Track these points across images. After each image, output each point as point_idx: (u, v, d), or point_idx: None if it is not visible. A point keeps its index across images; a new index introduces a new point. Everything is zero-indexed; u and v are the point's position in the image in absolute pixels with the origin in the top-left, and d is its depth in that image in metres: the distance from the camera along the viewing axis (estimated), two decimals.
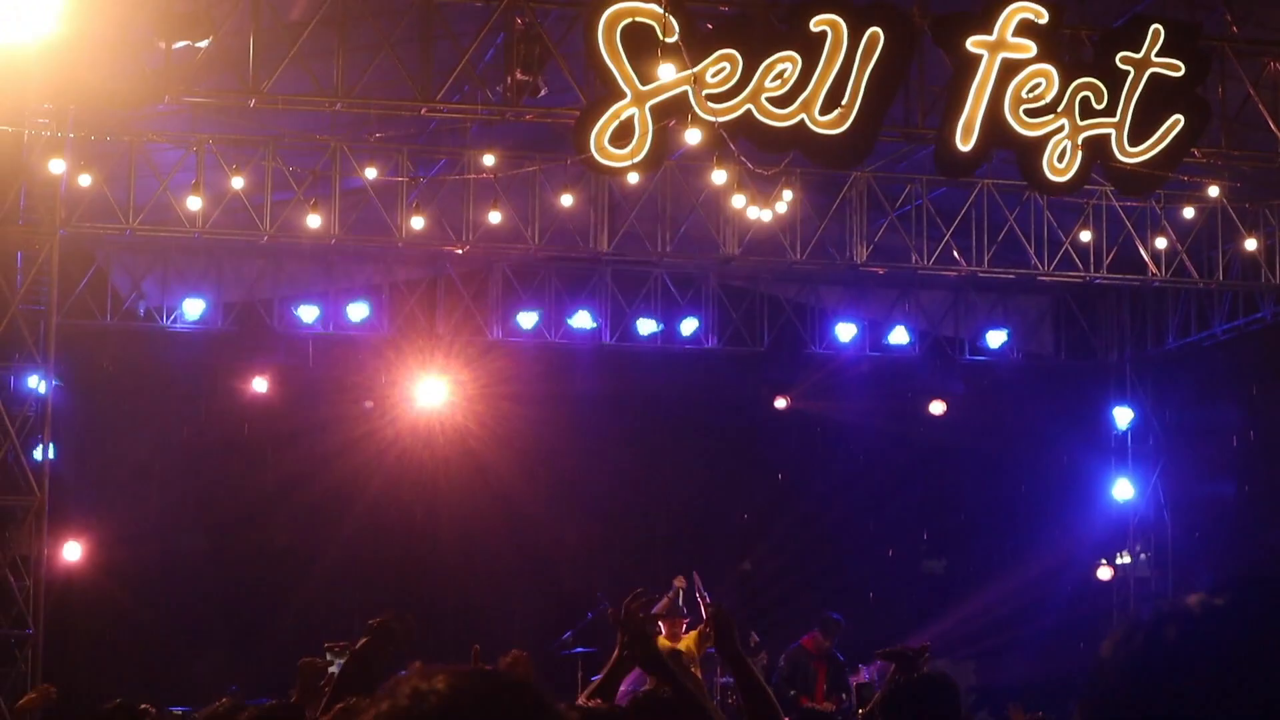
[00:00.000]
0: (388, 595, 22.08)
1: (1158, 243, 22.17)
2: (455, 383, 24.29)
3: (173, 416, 23.47)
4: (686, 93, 16.21)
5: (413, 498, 24.00)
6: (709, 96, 16.32)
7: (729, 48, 16.43)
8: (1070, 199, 20.59)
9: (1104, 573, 26.13)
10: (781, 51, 16.56)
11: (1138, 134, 17.44)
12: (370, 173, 19.82)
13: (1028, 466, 26.07)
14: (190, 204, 19.61)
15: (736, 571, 24.83)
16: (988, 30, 16.94)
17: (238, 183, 19.37)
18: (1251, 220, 21.79)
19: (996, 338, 25.77)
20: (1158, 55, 17.36)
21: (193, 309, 23.08)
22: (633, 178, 18.60)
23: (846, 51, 16.60)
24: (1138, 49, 17.37)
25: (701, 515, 25.28)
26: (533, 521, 24.03)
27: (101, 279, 22.59)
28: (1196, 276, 22.69)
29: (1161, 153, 17.56)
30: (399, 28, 17.50)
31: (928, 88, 18.08)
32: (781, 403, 26.05)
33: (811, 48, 16.59)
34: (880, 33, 16.63)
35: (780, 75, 16.54)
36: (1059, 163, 17.33)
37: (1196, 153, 18.28)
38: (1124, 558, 26.46)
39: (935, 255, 22.18)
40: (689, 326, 24.61)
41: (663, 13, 15.93)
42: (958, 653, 23.34)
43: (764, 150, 17.71)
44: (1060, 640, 23.48)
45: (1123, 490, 26.64)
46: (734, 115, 16.50)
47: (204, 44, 16.22)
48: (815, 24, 16.61)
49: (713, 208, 21.26)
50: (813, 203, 21.85)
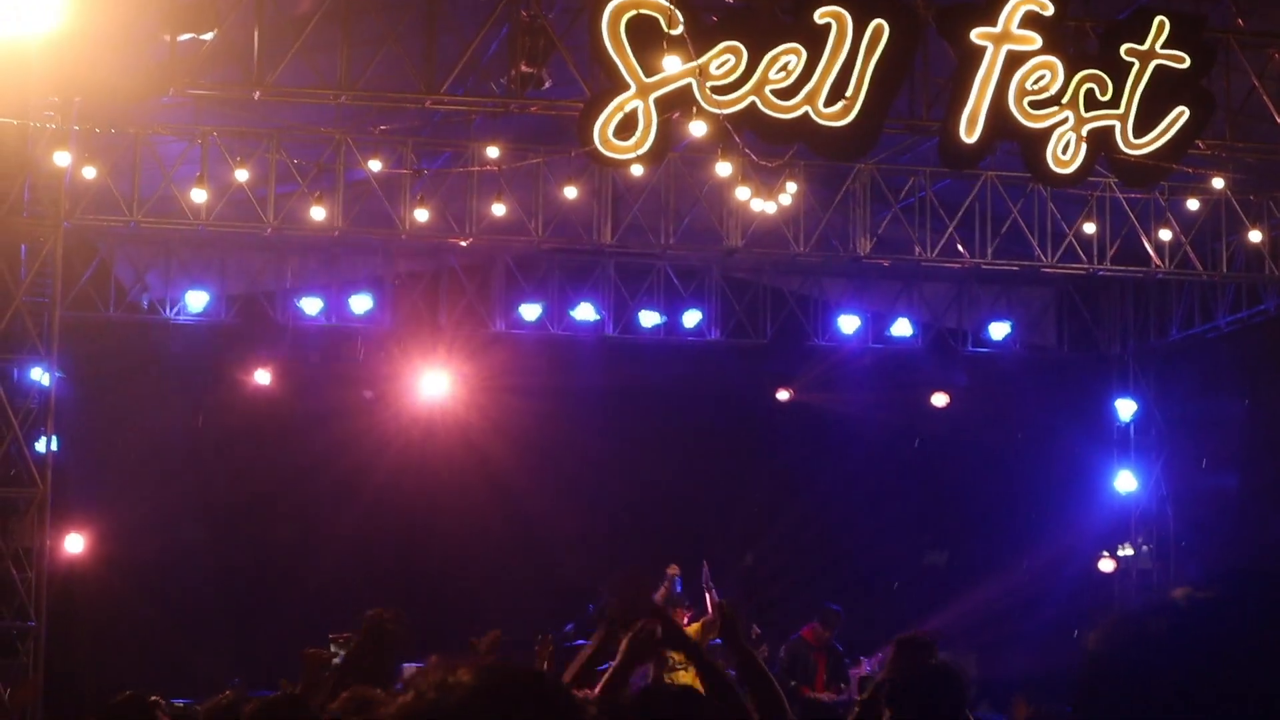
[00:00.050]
0: (390, 587, 22.11)
1: (1162, 235, 22.17)
2: (458, 375, 24.32)
3: (176, 409, 23.47)
4: (691, 85, 16.19)
5: (415, 490, 23.99)
6: (713, 89, 16.29)
7: (733, 40, 16.39)
8: (1074, 191, 20.56)
9: (1106, 565, 26.13)
10: (786, 43, 16.52)
11: (1142, 126, 17.41)
12: (374, 165, 19.83)
13: (1030, 459, 26.03)
14: (195, 196, 19.63)
15: (739, 564, 24.83)
16: (992, 22, 16.91)
17: (242, 175, 19.40)
18: (1256, 212, 21.78)
19: (999, 330, 25.78)
20: (1162, 47, 17.33)
21: (196, 301, 23.11)
22: (637, 170, 18.59)
23: (851, 43, 16.56)
24: (1142, 41, 17.33)
25: (704, 508, 25.27)
26: (535, 513, 24.04)
27: (105, 271, 22.61)
28: (1200, 268, 22.67)
29: (1166, 145, 17.54)
30: (403, 20, 17.48)
31: (932, 79, 18.06)
32: (784, 395, 26.08)
33: (816, 40, 16.56)
34: (885, 25, 16.59)
35: (784, 67, 16.51)
36: (1063, 155, 17.30)
37: (1201, 145, 18.26)
38: (1126, 550, 26.46)
39: (938, 247, 22.17)
40: (692, 319, 24.61)
41: (667, 5, 15.92)
42: (959, 645, 23.33)
43: (768, 142, 17.71)
44: (1062, 632, 23.43)
45: (1125, 482, 26.64)
46: (738, 107, 16.47)
47: (208, 37, 16.21)
48: (820, 16, 16.57)
49: (716, 200, 21.25)
50: (816, 195, 21.83)
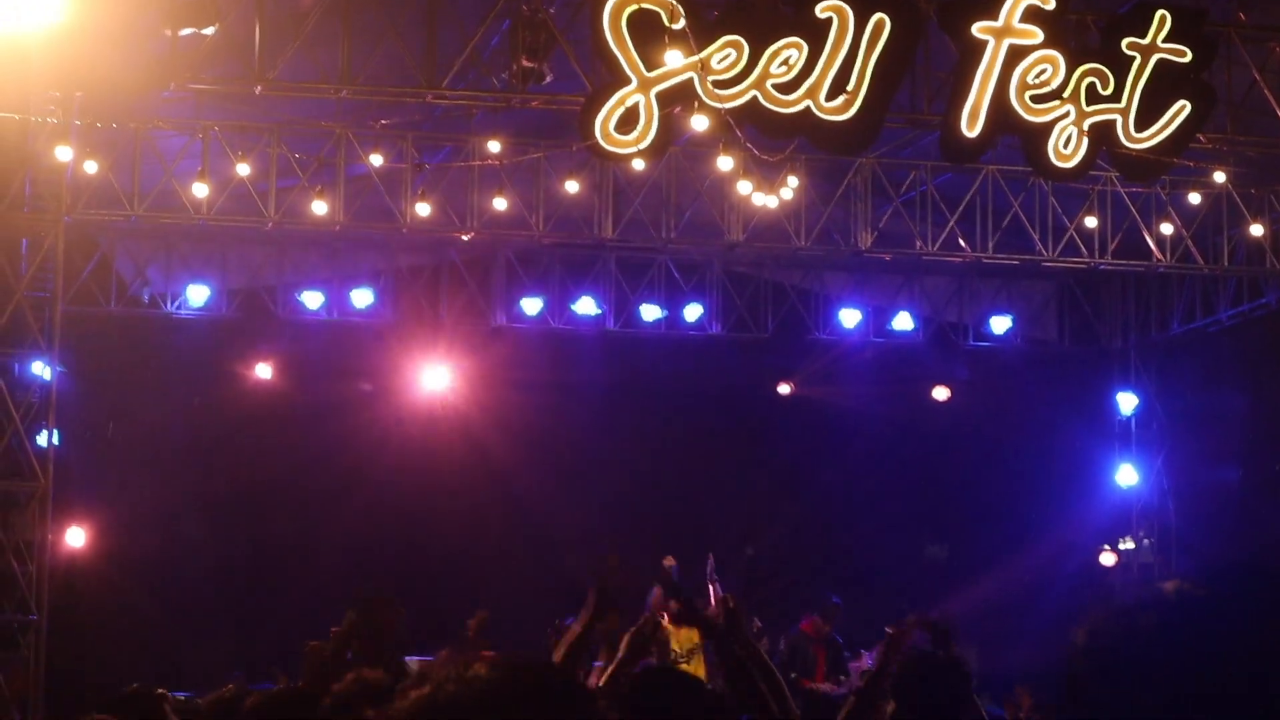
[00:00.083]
0: (391, 581, 22.10)
1: (1163, 228, 22.14)
2: (459, 369, 24.33)
3: (176, 403, 23.48)
4: (692, 79, 16.17)
5: (416, 484, 23.98)
6: (714, 83, 16.28)
7: (734, 34, 16.38)
8: (1075, 185, 20.55)
9: (1107, 559, 26.12)
10: (787, 38, 16.50)
11: (1143, 120, 17.39)
12: (375, 159, 19.82)
13: (1031, 452, 26.00)
14: (196, 191, 19.60)
15: (740, 557, 24.82)
16: (994, 16, 16.88)
17: (243, 169, 19.39)
18: (1257, 206, 21.77)
19: (1001, 324, 25.76)
20: (1164, 41, 17.31)
21: (197, 295, 23.10)
22: (638, 164, 18.57)
23: (852, 37, 16.55)
24: (1144, 35, 17.32)
25: (704, 501, 25.26)
26: (535, 507, 24.04)
27: (106, 266, 22.61)
28: (1201, 262, 22.64)
29: (1167, 139, 17.52)
30: (404, 14, 17.45)
31: (933, 73, 18.03)
32: (785, 389, 26.09)
33: (817, 34, 16.54)
34: (886, 19, 16.57)
35: (786, 61, 16.50)
36: (1064, 149, 17.29)
37: (1202, 138, 18.24)
38: (1127, 543, 26.45)
39: (940, 241, 22.14)
40: (693, 313, 24.60)
41: None
42: (960, 638, 23.31)
43: (769, 136, 17.70)
44: (1063, 626, 23.11)
45: (1126, 476, 26.64)
46: (740, 101, 16.46)
47: (210, 31, 16.20)
48: (821, 10, 16.55)
49: (717, 194, 21.23)
50: (817, 189, 21.81)
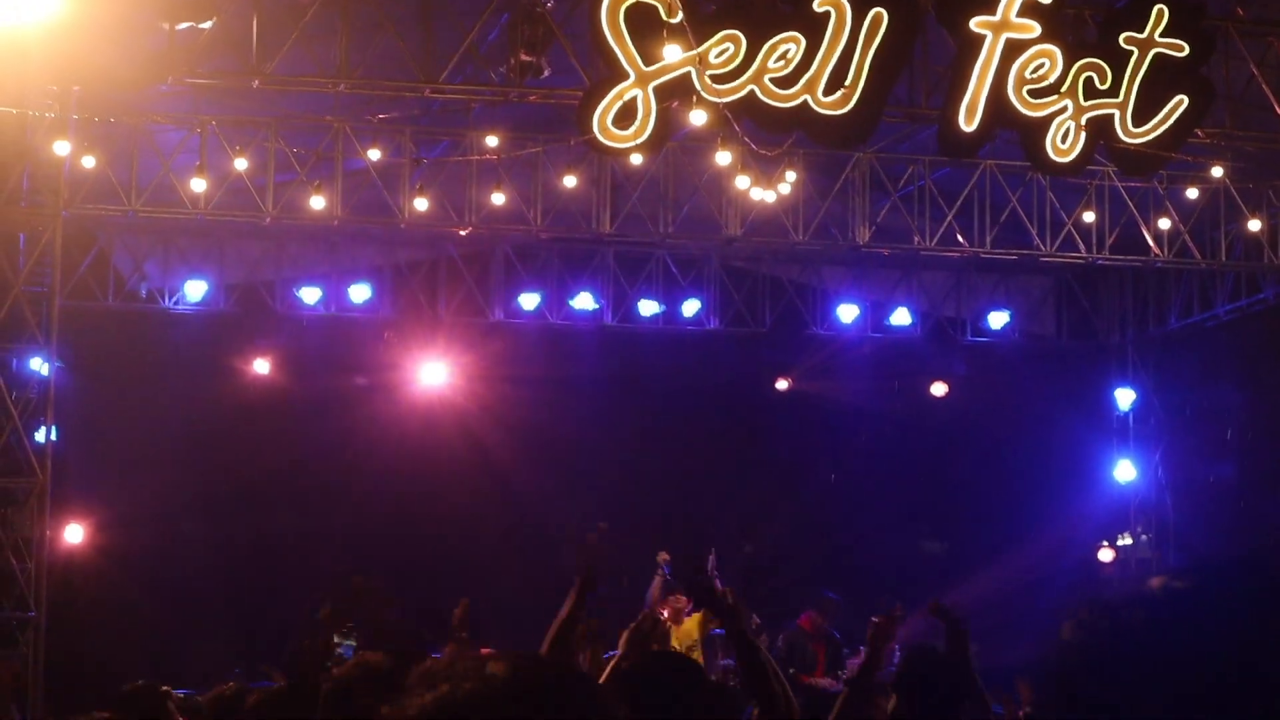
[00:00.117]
0: (389, 576, 22.13)
1: (1160, 223, 22.13)
2: (457, 364, 24.33)
3: (174, 398, 23.43)
4: (690, 74, 16.18)
5: (414, 478, 23.98)
6: (712, 77, 16.29)
7: (732, 28, 16.39)
8: (1073, 180, 20.52)
9: (1105, 554, 26.13)
10: (785, 32, 16.52)
11: (1141, 114, 17.41)
12: (373, 154, 19.80)
13: (1029, 448, 26.00)
14: (194, 186, 19.55)
15: (738, 553, 24.83)
16: (991, 10, 16.89)
17: (240, 164, 19.36)
18: (1255, 201, 21.77)
19: (998, 319, 25.75)
20: (1162, 35, 17.32)
21: (195, 290, 23.08)
22: (636, 159, 18.58)
23: (850, 32, 16.55)
24: (1141, 29, 17.33)
25: (702, 496, 25.27)
26: (533, 502, 24.05)
27: (104, 261, 22.58)
28: (1199, 257, 22.62)
29: (1165, 133, 17.54)
30: (402, 8, 17.46)
31: (931, 68, 18.04)
32: (783, 384, 26.11)
33: (815, 28, 16.55)
34: (884, 13, 16.58)
35: (784, 56, 16.51)
36: (1062, 143, 17.30)
37: (1200, 133, 18.25)
38: (1125, 539, 26.46)
39: (937, 236, 22.13)
40: (691, 308, 24.61)
41: None
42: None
43: (767, 131, 17.70)
44: (1060, 622, 23.43)
45: (1124, 471, 26.65)
46: (737, 96, 16.47)
47: (207, 25, 16.19)
48: (819, 4, 16.56)
49: (715, 189, 21.21)
50: (815, 183, 21.80)
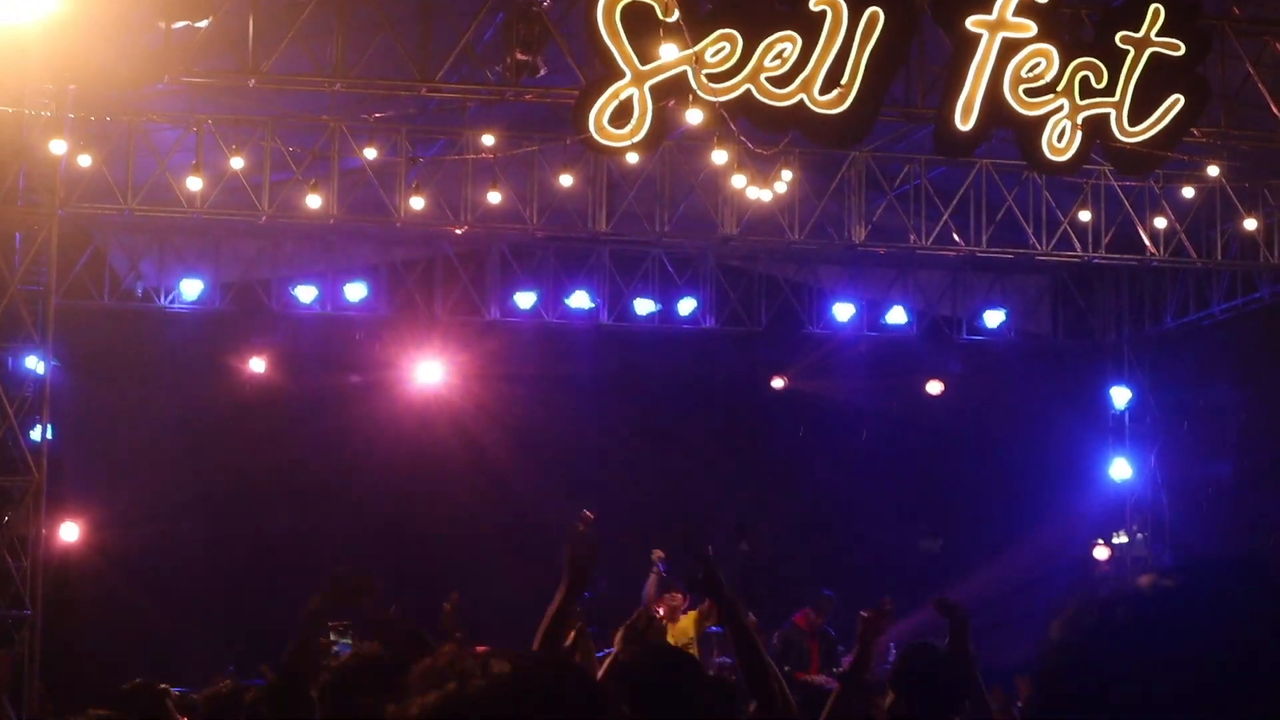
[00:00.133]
0: (385, 573, 22.05)
1: (1156, 222, 22.13)
2: (452, 363, 24.31)
3: (170, 396, 23.41)
4: (686, 73, 16.18)
5: (410, 476, 23.97)
6: (708, 76, 16.29)
7: (728, 27, 16.39)
8: (1069, 179, 20.55)
9: (1101, 553, 26.13)
10: (781, 31, 16.53)
11: (1137, 114, 17.42)
12: (369, 153, 19.79)
13: (1025, 446, 26.01)
14: (190, 184, 19.54)
15: (734, 552, 24.80)
16: (987, 10, 16.90)
17: (237, 163, 19.33)
18: (1250, 200, 21.77)
19: (994, 317, 25.75)
20: (1158, 35, 17.33)
21: (191, 289, 23.08)
22: (632, 158, 18.59)
23: (846, 31, 16.56)
24: (1138, 28, 17.34)
25: (698, 495, 25.24)
26: (528, 500, 24.00)
27: (99, 259, 22.58)
28: (1195, 256, 22.63)
29: (1161, 132, 17.55)
30: (398, 8, 17.46)
31: (927, 67, 18.04)
32: (779, 382, 26.10)
33: (811, 27, 16.56)
34: (880, 12, 16.59)
35: (780, 55, 16.51)
36: (1058, 142, 17.31)
37: (1196, 132, 18.27)
38: (1121, 537, 26.45)
39: (933, 235, 22.14)
40: (687, 306, 24.61)
41: None
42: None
43: (763, 130, 17.70)
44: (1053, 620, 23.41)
45: (1120, 470, 26.65)
46: (734, 95, 16.47)
47: (203, 24, 16.21)
48: (815, 3, 16.58)
49: (711, 188, 21.21)
50: (811, 182, 21.79)
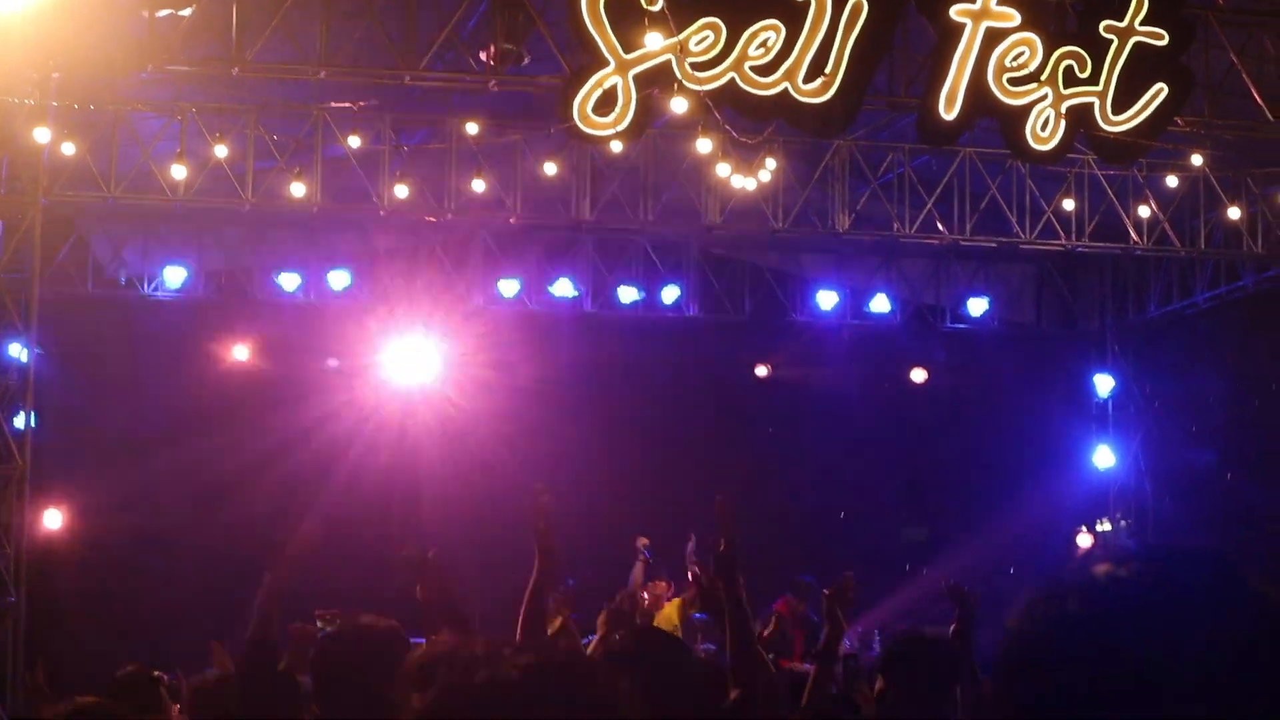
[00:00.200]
0: (370, 563, 22.09)
1: (1140, 211, 22.13)
2: (436, 350, 24.28)
3: (154, 384, 23.36)
4: (670, 61, 16.13)
5: (393, 465, 23.96)
6: (693, 65, 16.25)
7: (713, 16, 16.33)
8: (1052, 167, 20.54)
9: (1084, 540, 26.18)
10: (765, 20, 16.47)
11: (1121, 103, 17.40)
12: (353, 141, 19.76)
13: (1009, 434, 26.05)
14: (174, 173, 19.50)
15: (717, 539, 24.79)
16: None
17: (221, 151, 19.30)
18: (1234, 189, 21.78)
19: (978, 306, 25.78)
20: (1141, 24, 17.31)
21: (174, 277, 23.06)
22: (616, 146, 18.55)
23: (830, 20, 16.52)
24: (1121, 18, 17.31)
25: (681, 483, 25.21)
26: (511, 487, 23.91)
27: (83, 247, 22.55)
28: (1179, 245, 22.64)
29: (1144, 121, 17.53)
30: None
31: (911, 56, 18.01)
32: (763, 370, 26.12)
33: (795, 16, 16.52)
34: (864, 1, 16.57)
35: (764, 44, 16.47)
36: (1042, 131, 17.29)
37: (1180, 121, 18.25)
38: (1104, 525, 26.52)
39: (917, 223, 22.12)
40: (670, 294, 24.62)
41: None
42: (938, 620, 23.32)
43: (748, 118, 17.68)
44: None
45: (1104, 458, 26.70)
46: (718, 84, 16.43)
47: (187, 12, 16.15)
48: None
49: (695, 176, 21.19)
50: (795, 171, 21.78)
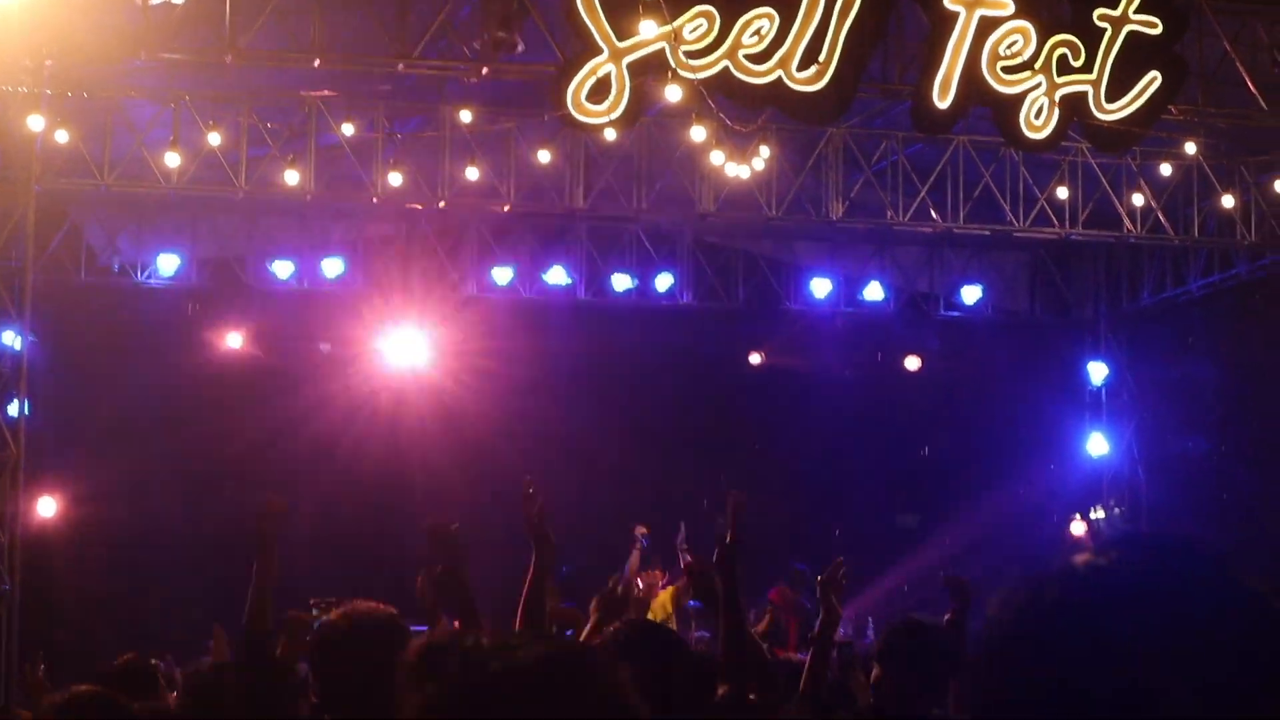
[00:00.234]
0: (363, 550, 22.16)
1: (1134, 199, 22.14)
2: (430, 338, 24.26)
3: (147, 371, 23.33)
4: (664, 49, 16.13)
5: (387, 453, 23.94)
6: (686, 53, 16.24)
7: (706, 4, 16.33)
8: (1046, 156, 20.54)
9: (1078, 528, 26.20)
10: (758, 8, 16.46)
11: (1115, 91, 17.40)
12: (347, 129, 19.75)
13: (1002, 422, 26.07)
14: (167, 160, 19.47)
15: (710, 528, 24.80)
16: None
17: (214, 139, 19.29)
18: (1228, 177, 21.79)
19: (972, 294, 25.75)
20: (1135, 13, 17.31)
21: (167, 265, 23.02)
22: (609, 134, 18.54)
23: (824, 8, 16.51)
24: (1115, 6, 17.31)
25: (675, 470, 25.25)
26: (507, 476, 23.95)
27: (76, 235, 22.53)
28: (1172, 233, 22.66)
29: (1138, 110, 17.54)
30: None
31: (905, 44, 18.01)
32: (756, 358, 26.09)
33: (788, 4, 16.50)
34: None
35: (757, 32, 16.47)
36: (1036, 120, 17.30)
37: (1173, 110, 18.26)
38: (1098, 513, 26.54)
39: (911, 211, 22.10)
40: (664, 282, 24.59)
41: None
42: (931, 608, 23.34)
43: (741, 106, 17.68)
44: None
45: (1097, 445, 26.71)
46: (711, 72, 16.42)
47: (180, 0, 16.14)
48: None
49: (689, 164, 21.16)
50: (789, 159, 21.77)
